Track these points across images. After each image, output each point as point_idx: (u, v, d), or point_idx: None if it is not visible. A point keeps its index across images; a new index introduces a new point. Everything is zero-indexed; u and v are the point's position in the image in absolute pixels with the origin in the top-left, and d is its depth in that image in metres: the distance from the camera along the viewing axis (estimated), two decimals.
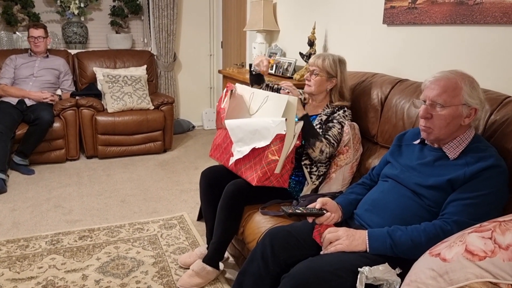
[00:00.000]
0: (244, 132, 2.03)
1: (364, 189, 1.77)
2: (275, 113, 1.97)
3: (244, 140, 2.04)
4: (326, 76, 2.13)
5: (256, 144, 1.96)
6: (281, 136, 1.89)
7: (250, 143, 2.00)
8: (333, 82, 2.15)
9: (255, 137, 1.98)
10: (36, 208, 2.96)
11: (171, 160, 4.13)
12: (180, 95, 5.32)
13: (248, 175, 1.97)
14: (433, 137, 1.50)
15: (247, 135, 2.01)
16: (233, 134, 2.09)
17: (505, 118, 1.55)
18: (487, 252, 0.94)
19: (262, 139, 1.95)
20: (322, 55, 2.17)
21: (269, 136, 1.91)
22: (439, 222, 1.38)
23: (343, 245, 1.44)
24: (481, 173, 1.37)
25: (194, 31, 5.23)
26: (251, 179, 1.94)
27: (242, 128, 2.04)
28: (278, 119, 1.91)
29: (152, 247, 2.44)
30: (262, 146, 1.94)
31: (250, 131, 2.00)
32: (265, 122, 1.95)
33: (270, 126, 1.91)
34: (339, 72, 2.14)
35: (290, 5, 3.57)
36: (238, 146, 2.07)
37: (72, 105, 3.88)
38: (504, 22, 1.77)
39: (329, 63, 2.12)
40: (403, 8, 2.29)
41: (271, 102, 2.05)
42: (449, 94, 1.43)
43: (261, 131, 1.95)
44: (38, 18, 4.51)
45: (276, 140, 1.90)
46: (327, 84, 2.15)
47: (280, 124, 1.88)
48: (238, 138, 2.07)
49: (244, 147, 2.03)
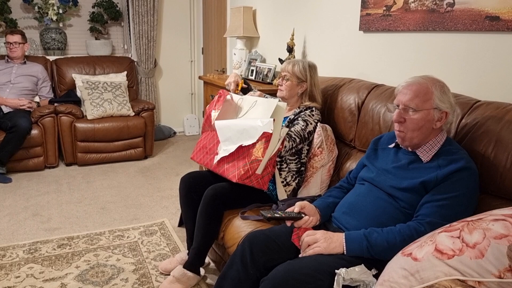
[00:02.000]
0: (232, 131, 2.05)
1: (341, 192, 1.80)
2: (263, 115, 2.02)
3: (231, 139, 2.06)
4: (296, 81, 2.20)
5: (243, 142, 1.98)
6: (267, 135, 1.92)
7: (236, 142, 2.02)
8: (303, 86, 2.21)
9: (242, 136, 2.00)
10: (13, 216, 2.91)
11: (152, 166, 4.11)
12: (161, 101, 5.31)
13: (230, 173, 1.99)
14: (407, 142, 1.54)
15: (235, 134, 2.03)
16: (221, 133, 2.11)
17: (475, 122, 1.60)
18: (455, 250, 0.98)
19: (249, 138, 1.97)
20: (292, 61, 2.24)
21: (255, 135, 1.94)
22: (413, 224, 1.41)
23: (321, 247, 1.46)
24: (453, 175, 1.41)
25: (175, 37, 5.23)
26: (232, 176, 1.96)
27: (231, 128, 2.07)
28: (266, 119, 1.95)
29: (132, 254, 2.43)
30: (248, 144, 1.96)
31: (238, 130, 2.02)
32: (253, 122, 1.98)
33: (258, 126, 1.95)
34: (308, 77, 2.21)
35: (270, 12, 3.62)
36: (224, 145, 2.09)
37: (50, 112, 3.83)
38: (473, 29, 1.83)
39: (299, 68, 2.20)
40: (378, 15, 2.34)
41: (260, 107, 2.10)
42: (421, 99, 1.48)
43: (249, 130, 1.98)
44: (15, 24, 4.45)
45: (262, 139, 1.93)
46: (297, 88, 2.22)
47: (268, 123, 1.92)
48: (226, 137, 2.09)
49: (230, 145, 2.05)
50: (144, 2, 4.73)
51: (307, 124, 2.11)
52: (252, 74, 3.61)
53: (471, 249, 0.95)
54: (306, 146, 2.17)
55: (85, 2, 4.81)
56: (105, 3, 4.82)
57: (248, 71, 3.68)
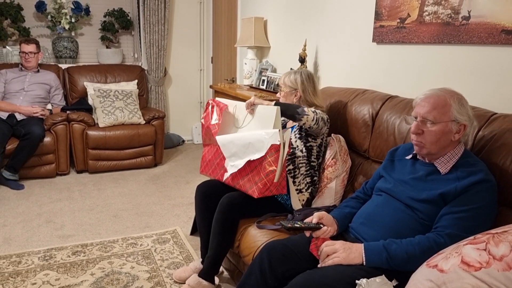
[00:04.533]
0: (237, 146, 2.07)
1: (358, 203, 1.81)
2: (265, 124, 2.02)
3: (237, 154, 2.08)
4: (289, 90, 2.28)
5: (251, 157, 2.00)
6: (275, 146, 1.94)
7: (243, 157, 2.03)
8: (297, 94, 2.27)
9: (248, 150, 2.02)
10: (27, 223, 2.94)
11: (162, 174, 4.14)
12: (170, 110, 5.35)
13: (248, 188, 2.01)
14: (425, 152, 1.55)
15: (240, 149, 2.05)
16: (225, 149, 2.13)
17: (493, 134, 1.61)
18: (482, 263, 0.99)
19: (256, 151, 1.99)
20: (286, 73, 2.34)
21: (263, 148, 1.96)
22: (432, 235, 1.42)
23: (340, 258, 1.47)
24: (472, 187, 1.42)
25: (185, 46, 5.28)
26: (252, 192, 1.98)
27: (234, 143, 2.08)
28: (271, 130, 1.96)
29: (146, 262, 2.44)
30: (257, 158, 1.98)
31: (243, 145, 2.04)
32: (258, 135, 1.99)
33: (263, 138, 1.96)
34: (299, 84, 2.26)
35: (281, 23, 3.66)
36: (231, 161, 2.11)
37: (63, 120, 3.87)
38: (489, 42, 1.85)
39: (289, 78, 2.29)
40: (392, 28, 2.37)
41: (258, 115, 2.10)
42: (439, 111, 1.50)
43: (254, 143, 1.99)
44: (28, 32, 4.52)
45: (271, 151, 1.94)
46: (291, 96, 2.29)
47: (274, 135, 1.94)
48: (231, 153, 2.11)
49: (238, 161, 2.07)
50: (155, 12, 4.79)
51: (315, 113, 2.10)
52: (263, 83, 3.64)
53: (498, 261, 0.96)
54: (316, 149, 2.18)
55: (97, 11, 4.88)
56: (117, 12, 4.89)
57: (259, 80, 3.71)
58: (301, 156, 2.16)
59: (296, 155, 2.16)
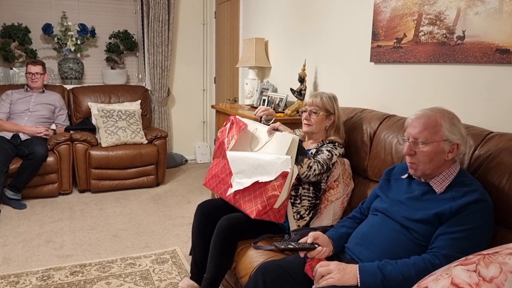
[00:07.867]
0: (246, 165, 2.05)
1: (354, 223, 1.80)
2: (279, 150, 2.02)
3: (245, 172, 2.06)
4: (325, 114, 2.19)
5: (259, 178, 1.98)
6: (284, 173, 1.93)
7: (251, 176, 2.02)
8: (331, 119, 2.20)
9: (257, 171, 2.01)
10: (27, 243, 2.94)
11: (163, 194, 4.14)
12: (173, 129, 5.38)
13: (247, 207, 2.00)
14: (419, 173, 1.55)
15: (249, 168, 2.04)
16: (234, 165, 2.12)
17: (489, 153, 1.60)
18: (472, 284, 0.97)
19: (265, 173, 1.98)
20: (318, 94, 2.22)
21: (273, 172, 1.95)
22: (428, 256, 1.40)
23: (334, 279, 1.45)
24: (467, 207, 1.41)
25: (188, 67, 5.35)
26: (250, 212, 1.97)
27: (244, 161, 2.07)
28: (283, 156, 1.95)
29: (144, 283, 2.42)
30: (266, 180, 1.96)
31: (253, 164, 2.03)
32: (269, 158, 1.99)
33: (275, 162, 1.95)
34: (336, 109, 2.21)
35: (281, 43, 3.70)
36: (238, 177, 2.10)
37: (66, 140, 3.91)
38: (484, 61, 1.86)
39: (327, 100, 2.19)
40: (389, 47, 2.39)
41: (274, 140, 2.10)
42: (430, 131, 1.50)
43: (265, 166, 1.98)
44: (35, 54, 4.60)
45: (279, 176, 1.94)
46: (326, 121, 2.20)
47: (285, 161, 1.93)
48: (239, 170, 2.09)
49: (244, 179, 2.05)
50: (159, 34, 4.88)
51: (332, 155, 2.09)
52: (264, 103, 3.66)
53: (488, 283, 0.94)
54: (324, 182, 2.17)
55: (102, 33, 4.97)
56: (122, 34, 4.98)
57: (260, 100, 3.73)
58: (306, 189, 2.14)
59: (302, 186, 2.12)
